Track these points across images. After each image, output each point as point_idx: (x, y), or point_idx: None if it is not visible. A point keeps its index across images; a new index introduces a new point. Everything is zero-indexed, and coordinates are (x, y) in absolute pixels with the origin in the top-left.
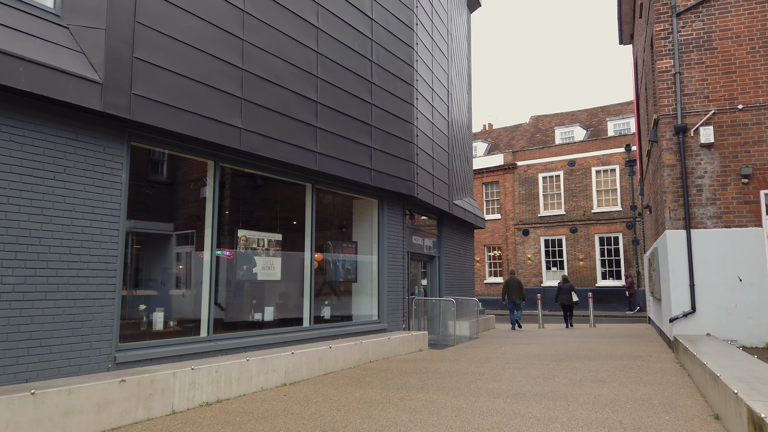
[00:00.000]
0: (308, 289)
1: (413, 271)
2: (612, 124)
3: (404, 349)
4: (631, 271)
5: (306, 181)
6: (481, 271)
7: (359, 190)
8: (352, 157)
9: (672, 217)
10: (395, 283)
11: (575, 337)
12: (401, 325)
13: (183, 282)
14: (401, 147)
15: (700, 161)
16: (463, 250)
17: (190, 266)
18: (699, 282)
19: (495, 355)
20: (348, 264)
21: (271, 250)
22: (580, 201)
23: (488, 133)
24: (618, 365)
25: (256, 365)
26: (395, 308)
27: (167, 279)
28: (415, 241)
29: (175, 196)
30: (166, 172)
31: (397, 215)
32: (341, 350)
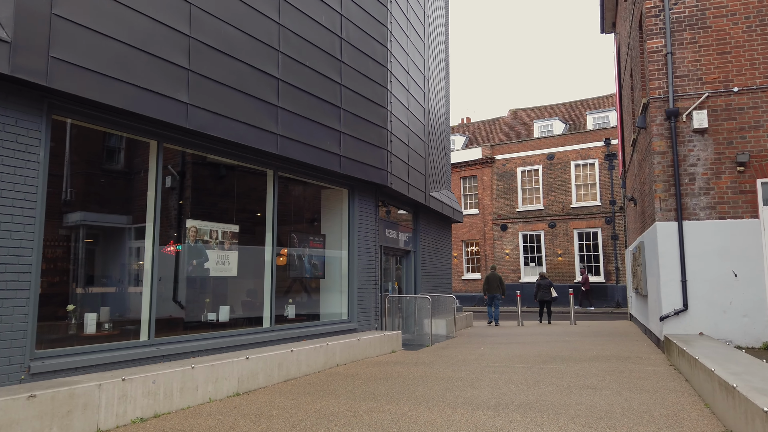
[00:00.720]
0: (269, 286)
1: (387, 266)
2: (591, 118)
3: (375, 350)
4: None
5: (267, 167)
6: (459, 267)
7: (327, 178)
8: (318, 141)
9: (662, 207)
10: (367, 279)
11: (557, 336)
12: (373, 324)
13: (123, 279)
14: (373, 133)
15: (693, 148)
16: (440, 245)
17: (132, 261)
18: (691, 277)
19: (473, 356)
20: (315, 259)
21: (227, 242)
22: (558, 195)
23: (466, 126)
24: (607, 368)
25: (203, 373)
26: (367, 306)
27: (106, 276)
28: (389, 235)
29: (120, 183)
30: (106, 156)
31: (369, 207)
32: (304, 354)
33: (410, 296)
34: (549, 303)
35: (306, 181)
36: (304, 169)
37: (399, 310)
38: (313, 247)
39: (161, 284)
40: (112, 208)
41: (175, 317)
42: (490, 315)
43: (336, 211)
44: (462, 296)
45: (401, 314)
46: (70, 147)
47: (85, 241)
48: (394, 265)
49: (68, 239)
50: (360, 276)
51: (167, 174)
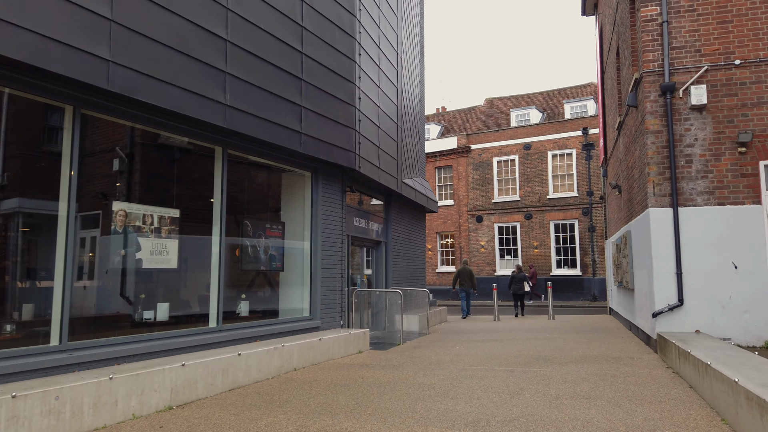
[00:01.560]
0: (216, 280)
1: (355, 258)
2: (569, 107)
3: (340, 351)
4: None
5: (214, 143)
6: (433, 259)
7: (287, 159)
8: (276, 116)
9: (656, 192)
10: (332, 272)
11: (536, 333)
12: (339, 321)
13: (33, 273)
14: (340, 110)
15: (690, 127)
16: (414, 236)
17: (45, 251)
18: (687, 269)
19: (448, 357)
20: (273, 249)
21: (165, 229)
22: (535, 186)
23: (441, 115)
24: (598, 372)
25: (125, 384)
26: (331, 302)
27: (45, 270)
28: (358, 224)
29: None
30: (47, 136)
31: (334, 192)
32: (255, 357)
33: (380, 290)
34: (523, 296)
35: (262, 162)
36: (260, 147)
37: (368, 305)
38: (270, 237)
39: (84, 278)
40: (51, 193)
41: (104, 315)
42: (463, 309)
43: (298, 197)
44: (436, 290)
45: (371, 310)
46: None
47: (21, 231)
48: (363, 256)
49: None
50: (324, 268)
51: (115, 156)
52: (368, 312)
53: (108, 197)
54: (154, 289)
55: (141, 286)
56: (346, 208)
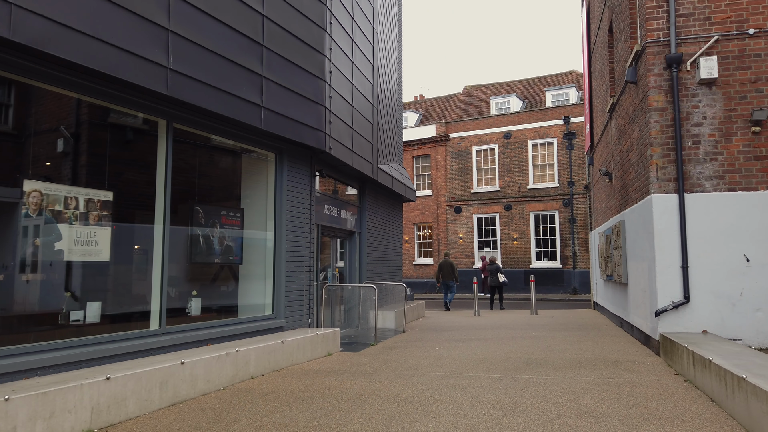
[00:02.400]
0: (159, 275)
1: (326, 250)
2: (550, 95)
3: (306, 354)
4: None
5: (157, 114)
6: (410, 251)
7: (247, 137)
8: (231, 85)
9: (660, 177)
10: (298, 265)
11: (521, 330)
12: (306, 320)
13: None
14: (308, 83)
15: (698, 103)
16: (390, 226)
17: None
18: (694, 263)
19: (427, 361)
20: (230, 239)
21: (93, 215)
22: (515, 176)
23: (420, 103)
24: (599, 380)
25: (27, 406)
26: (297, 298)
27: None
28: (329, 213)
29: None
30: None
31: (302, 176)
32: (203, 365)
33: (353, 285)
34: (500, 288)
35: (217, 140)
36: (213, 122)
37: (341, 301)
38: (227, 225)
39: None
40: None
41: (19, 316)
42: (446, 301)
43: (260, 182)
44: (414, 282)
45: (343, 306)
46: None
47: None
48: (335, 248)
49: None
50: (290, 261)
51: (60, 136)
52: (340, 309)
53: (19, 175)
54: (81, 285)
55: (63, 282)
56: (315, 194)
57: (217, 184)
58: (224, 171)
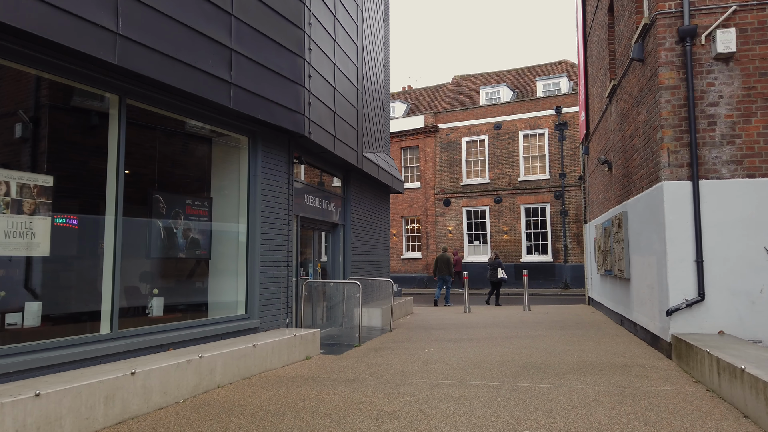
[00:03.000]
0: (110, 272)
1: (307, 243)
2: (541, 84)
3: (282, 359)
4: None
5: (108, 88)
6: (398, 245)
7: (215, 117)
8: (194, 58)
9: (672, 162)
10: (274, 260)
11: (515, 328)
12: (283, 320)
13: None
14: (284, 60)
15: (714, 81)
16: (377, 219)
17: None
18: (710, 257)
19: (415, 366)
20: (196, 231)
21: (29, 203)
22: (505, 168)
23: (408, 93)
24: (610, 389)
25: None
26: (273, 296)
27: None
28: (310, 203)
29: None
30: None
31: (279, 163)
32: (158, 375)
33: (335, 282)
34: (499, 284)
35: (181, 120)
36: (174, 99)
37: (323, 298)
38: (192, 216)
39: None
40: None
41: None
42: (437, 297)
43: (232, 169)
44: (401, 277)
45: (326, 304)
46: None
47: None
48: (317, 242)
49: None
50: (264, 256)
51: (18, 121)
52: (323, 306)
53: None
54: (18, 284)
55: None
56: (294, 183)
57: (182, 170)
58: (190, 156)
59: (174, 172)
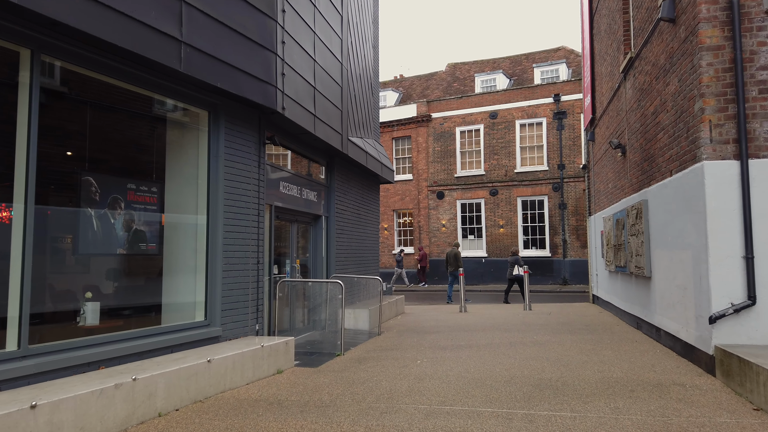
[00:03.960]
0: (18, 273)
1: (284, 237)
2: (539, 71)
3: (246, 375)
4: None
5: (15, 39)
6: (390, 239)
7: (164, 84)
8: (131, 5)
9: (715, 138)
10: (241, 256)
11: (520, 333)
12: (252, 326)
13: None
14: (252, 20)
15: (767, 40)
16: (365, 210)
17: None
18: (762, 252)
19: (406, 384)
20: (141, 223)
21: None
22: (502, 159)
23: (399, 82)
24: (652, 421)
25: None
26: (240, 299)
27: None
28: (287, 192)
29: None
30: None
31: (247, 143)
32: (71, 407)
33: (315, 281)
34: (519, 282)
35: (122, 88)
36: (107, 58)
37: (303, 299)
38: (137, 204)
39: None
40: None
41: None
42: (449, 295)
43: (189, 148)
44: (393, 273)
45: (306, 305)
46: None
47: None
48: (295, 235)
49: None
50: (229, 251)
51: None
52: (302, 308)
53: None
54: None
55: None
56: (266, 168)
57: (123, 149)
58: (136, 132)
59: (113, 151)
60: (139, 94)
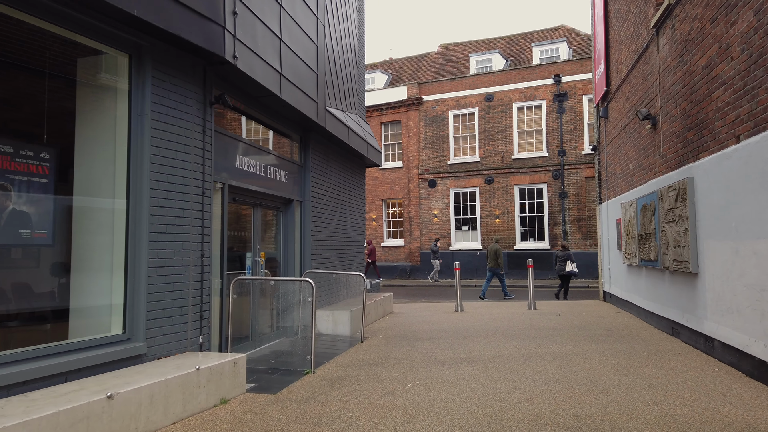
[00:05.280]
0: None
1: (244, 225)
2: (538, 51)
3: (172, 411)
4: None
5: None
6: (379, 231)
7: (64, 13)
8: None
9: None
10: (176, 248)
11: (532, 341)
12: (194, 338)
13: None
14: None
15: None
16: (348, 196)
17: None
18: None
19: (391, 425)
20: (23, 202)
21: None
22: (498, 145)
23: (389, 63)
24: None
25: None
26: (174, 304)
27: None
28: (248, 168)
29: None
30: None
31: (185, 101)
32: None
33: (278, 279)
34: (568, 278)
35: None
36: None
37: (269, 300)
38: (16, 174)
39: None
40: None
41: None
42: (504, 292)
43: (104, 106)
44: (382, 267)
45: (275, 307)
46: None
47: None
48: (260, 222)
49: None
50: (158, 243)
51: None
52: (271, 311)
53: None
54: None
55: None
56: (216, 136)
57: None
58: (22, 81)
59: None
60: (30, 27)
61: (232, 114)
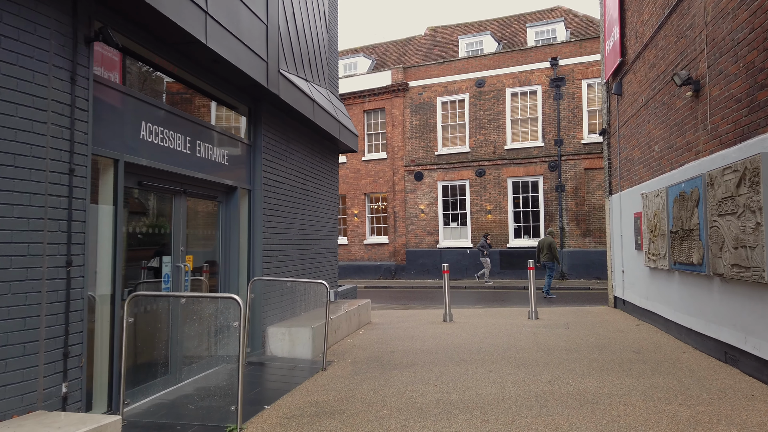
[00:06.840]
0: None
1: (158, 220)
2: (533, 32)
3: None
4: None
5: None
6: (361, 227)
7: None
8: None
9: None
10: (11, 254)
11: (546, 371)
12: (55, 386)
13: None
14: None
15: None
16: (315, 185)
17: None
18: None
19: None
20: None
21: None
22: (489, 134)
23: (372, 47)
24: None
25: None
26: (14, 339)
27: None
28: (161, 141)
29: None
30: None
31: (32, 28)
32: None
33: (182, 295)
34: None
35: None
36: None
37: (201, 318)
38: None
39: None
40: None
41: None
42: (545, 289)
43: None
44: (364, 266)
45: (207, 329)
46: None
47: None
48: (182, 217)
49: None
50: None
51: None
52: (200, 335)
53: None
54: None
55: None
56: (100, 89)
57: None
58: None
59: None
60: None
61: (139, 66)
